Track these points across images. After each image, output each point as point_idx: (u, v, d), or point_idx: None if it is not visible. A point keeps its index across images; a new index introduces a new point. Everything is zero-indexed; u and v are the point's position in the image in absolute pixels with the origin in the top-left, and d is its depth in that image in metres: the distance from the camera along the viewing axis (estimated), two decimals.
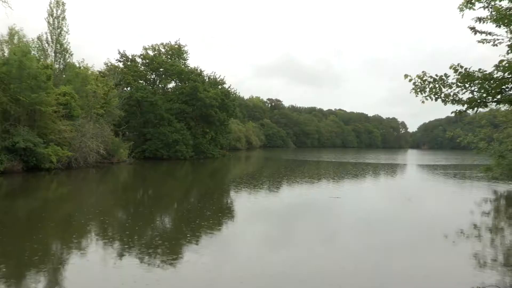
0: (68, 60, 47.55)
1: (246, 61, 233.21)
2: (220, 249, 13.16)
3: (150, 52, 63.34)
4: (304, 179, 37.62)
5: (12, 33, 41.04)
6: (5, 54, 38.03)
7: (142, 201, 24.12)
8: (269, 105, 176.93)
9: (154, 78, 63.60)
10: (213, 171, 47.77)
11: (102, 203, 22.52)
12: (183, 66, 63.59)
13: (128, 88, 58.08)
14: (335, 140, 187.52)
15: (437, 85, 8.57)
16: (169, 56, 64.09)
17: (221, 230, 16.06)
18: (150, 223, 17.36)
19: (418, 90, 8.65)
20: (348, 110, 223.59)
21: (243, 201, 23.94)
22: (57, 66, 46.07)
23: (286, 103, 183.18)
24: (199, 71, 64.81)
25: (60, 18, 47.08)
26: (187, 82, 62.11)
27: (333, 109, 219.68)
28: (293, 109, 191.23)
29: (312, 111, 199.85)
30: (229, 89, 66.79)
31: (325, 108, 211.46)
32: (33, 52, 40.43)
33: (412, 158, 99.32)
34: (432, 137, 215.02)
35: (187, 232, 15.29)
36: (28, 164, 32.52)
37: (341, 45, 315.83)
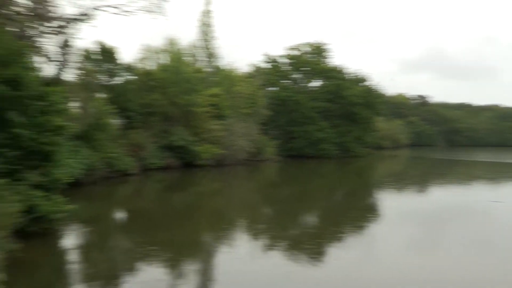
0: (217, 64, 50.14)
1: (388, 56, 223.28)
2: (366, 250, 12.34)
3: (293, 52, 63.94)
4: (457, 180, 34.38)
5: (170, 42, 44.47)
6: (163, 61, 41.26)
7: (288, 198, 24.10)
8: (416, 101, 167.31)
9: (297, 78, 64.04)
10: (358, 170, 46.36)
11: (250, 199, 22.99)
12: (326, 65, 62.98)
13: (273, 88, 59.25)
14: (490, 138, 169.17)
15: None
16: (312, 55, 64.00)
17: (366, 230, 15.17)
18: (296, 219, 17.12)
19: None
20: (506, 104, 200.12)
21: (389, 201, 22.53)
22: (207, 69, 48.85)
23: (434, 99, 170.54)
24: (342, 68, 63.60)
25: (209, 26, 49.96)
26: (330, 80, 61.36)
27: (487, 104, 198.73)
28: (442, 105, 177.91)
29: (463, 107, 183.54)
30: (373, 86, 64.39)
31: (478, 104, 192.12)
32: (186, 58, 43.35)
33: None
34: None
35: (332, 230, 14.71)
36: (183, 161, 34.91)
37: (493, 31, 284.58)
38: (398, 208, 19.88)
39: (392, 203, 21.79)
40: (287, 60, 63.46)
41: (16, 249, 9.29)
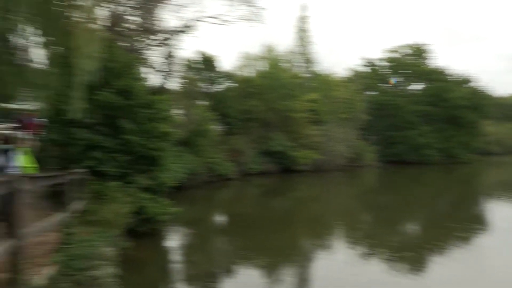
0: (314, 69, 50.10)
1: (496, 54, 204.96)
2: (473, 264, 11.44)
3: (393, 55, 61.89)
4: None
5: (268, 49, 45.26)
6: (261, 68, 42.06)
7: (387, 205, 23.28)
8: None
9: (397, 81, 61.84)
10: (464, 177, 43.44)
11: (349, 205, 22.58)
12: (427, 66, 60.12)
13: (372, 92, 57.83)
14: None
15: None
16: (412, 57, 61.47)
17: (474, 243, 14.07)
18: (396, 228, 16.51)
19: None
20: None
21: (501, 212, 20.76)
22: (305, 75, 48.98)
23: None
24: (445, 69, 60.26)
25: (306, 31, 50.14)
26: (432, 83, 58.41)
27: None
28: None
29: None
30: (480, 86, 60.13)
31: None
32: (283, 64, 43.85)
33: None
34: None
35: (435, 241, 13.89)
36: (282, 166, 35.30)
37: None
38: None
39: (504, 214, 20.11)
40: (386, 63, 61.61)
41: (128, 246, 9.98)
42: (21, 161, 6.86)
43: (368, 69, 61.66)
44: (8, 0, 6.69)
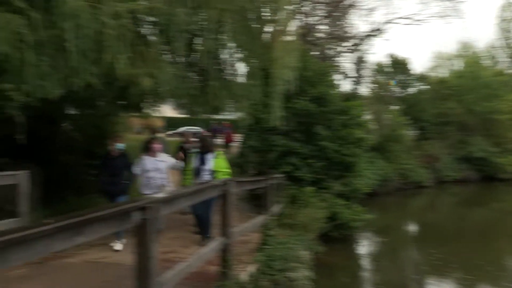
0: None
1: None
2: None
3: None
4: None
5: (464, 46, 41.71)
6: (457, 67, 38.98)
7: None
8: None
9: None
10: None
11: None
12: None
13: None
14: None
15: None
16: None
17: None
18: None
19: None
20: None
21: None
22: (510, 71, 43.64)
23: None
24: None
25: (510, 21, 44.57)
26: None
27: None
28: None
29: None
30: None
31: None
32: (483, 61, 39.86)
33: None
34: None
35: None
36: (483, 174, 31.97)
37: None
38: None
39: None
40: None
41: (321, 251, 10.18)
42: (215, 165, 7.48)
43: None
44: (217, 23, 7.44)
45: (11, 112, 5.74)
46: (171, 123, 36.99)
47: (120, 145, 7.51)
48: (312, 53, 18.27)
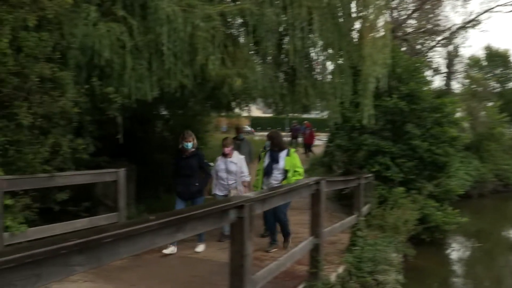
0: None
1: None
2: None
3: None
4: None
5: None
6: None
7: None
8: None
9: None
10: None
11: None
12: None
13: None
14: None
15: None
16: None
17: None
18: None
19: None
20: None
21: None
22: None
23: None
24: None
25: None
26: None
27: None
28: None
29: None
30: None
31: None
32: None
33: None
34: None
35: None
36: None
37: None
38: None
39: None
40: None
41: (411, 254, 9.84)
42: (288, 164, 7.23)
43: None
44: (305, 21, 7.44)
45: (112, 114, 6.17)
46: (256, 122, 37.52)
47: (188, 144, 6.96)
48: (402, 48, 17.67)
